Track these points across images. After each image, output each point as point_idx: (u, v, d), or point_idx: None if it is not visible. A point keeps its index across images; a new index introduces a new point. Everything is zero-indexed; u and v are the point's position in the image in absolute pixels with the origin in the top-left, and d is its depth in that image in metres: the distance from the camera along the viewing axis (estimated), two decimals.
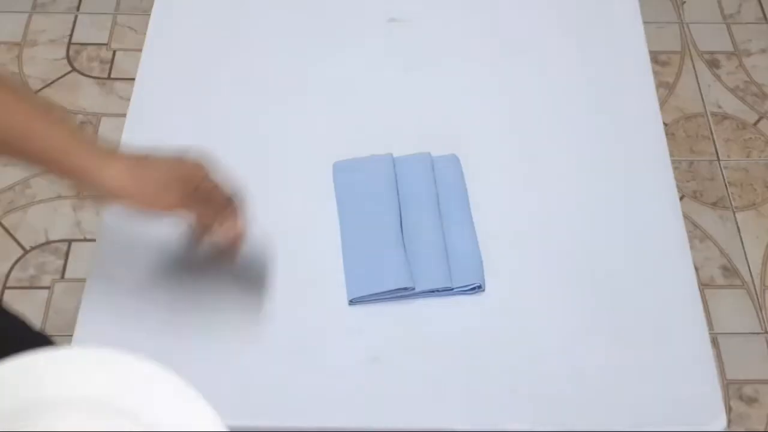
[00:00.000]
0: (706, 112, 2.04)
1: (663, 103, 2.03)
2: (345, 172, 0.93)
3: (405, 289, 0.84)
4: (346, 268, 0.87)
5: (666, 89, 2.07)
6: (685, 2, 2.25)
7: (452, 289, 0.85)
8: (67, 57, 2.08)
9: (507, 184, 0.94)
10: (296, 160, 0.95)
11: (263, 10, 1.08)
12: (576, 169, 0.96)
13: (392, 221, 0.89)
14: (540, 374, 0.82)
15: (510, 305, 0.85)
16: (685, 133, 2.01)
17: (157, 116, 0.99)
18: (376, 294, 0.84)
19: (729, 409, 1.63)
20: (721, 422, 0.79)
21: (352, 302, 0.85)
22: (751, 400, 1.66)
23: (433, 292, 0.85)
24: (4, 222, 1.79)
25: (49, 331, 1.65)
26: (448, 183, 0.92)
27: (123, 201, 0.74)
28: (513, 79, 1.04)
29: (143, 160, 0.75)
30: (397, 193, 0.91)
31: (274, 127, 0.96)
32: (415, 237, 0.88)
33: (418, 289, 0.85)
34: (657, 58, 2.11)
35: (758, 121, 2.03)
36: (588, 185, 0.94)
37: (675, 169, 1.02)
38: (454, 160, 0.94)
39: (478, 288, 0.85)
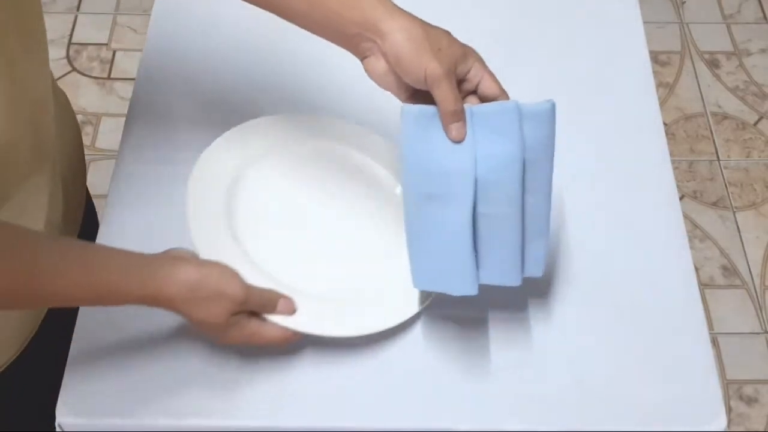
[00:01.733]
0: (706, 112, 2.04)
1: (663, 103, 2.03)
2: (414, 123, 0.75)
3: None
4: (411, 253, 0.77)
5: (666, 89, 2.07)
6: (685, 2, 2.25)
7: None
8: (67, 57, 2.08)
9: None
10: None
11: (264, 11, 1.08)
12: (576, 168, 0.96)
13: (465, 201, 0.73)
14: (540, 374, 0.82)
15: (509, 304, 0.85)
16: (685, 133, 2.01)
17: (157, 116, 0.99)
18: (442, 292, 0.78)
19: (729, 409, 1.64)
20: (721, 422, 0.79)
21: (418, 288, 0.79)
22: (751, 400, 1.66)
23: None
24: None
25: None
26: (534, 146, 0.76)
27: (390, 59, 0.73)
28: (512, 79, 1.03)
29: (425, 27, 0.74)
30: (475, 159, 0.73)
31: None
32: (488, 232, 0.75)
33: (482, 282, 0.76)
34: (657, 58, 2.11)
35: (758, 121, 2.03)
36: (588, 185, 0.94)
37: (675, 169, 1.02)
38: (547, 113, 0.77)
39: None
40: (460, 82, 0.75)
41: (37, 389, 0.86)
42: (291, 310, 0.77)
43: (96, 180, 1.86)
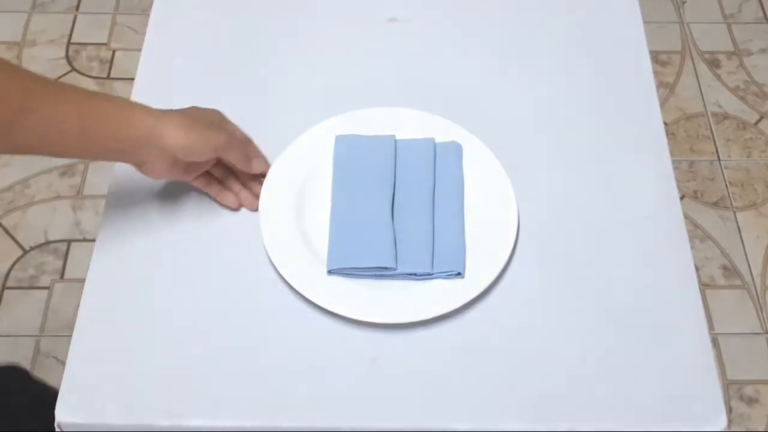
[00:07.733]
0: (706, 111, 2.04)
1: (663, 103, 2.03)
2: (346, 146, 0.93)
3: (386, 268, 0.84)
4: (330, 240, 0.86)
5: (666, 89, 2.07)
6: (685, 2, 2.25)
7: (431, 274, 0.85)
8: (67, 57, 2.08)
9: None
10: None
11: (263, 11, 1.08)
12: (575, 168, 0.96)
13: (384, 200, 0.89)
14: (540, 374, 0.81)
15: (510, 304, 0.85)
16: (686, 133, 2.01)
17: None
18: (356, 268, 0.84)
19: (729, 410, 1.63)
20: (722, 422, 0.79)
21: (330, 273, 0.84)
22: (751, 401, 1.66)
23: (412, 275, 0.85)
24: (4, 222, 1.79)
25: (48, 331, 1.65)
26: (446, 170, 0.92)
27: (178, 153, 0.83)
28: (513, 79, 1.04)
29: (186, 113, 0.85)
30: (395, 174, 0.91)
31: (275, 129, 0.96)
32: (404, 219, 0.88)
33: (398, 271, 0.85)
34: (657, 58, 2.11)
35: (759, 120, 2.03)
36: (588, 185, 0.94)
37: (675, 169, 1.02)
38: (456, 148, 0.94)
39: (458, 275, 0.85)
40: None
41: None
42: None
43: (96, 180, 1.86)
